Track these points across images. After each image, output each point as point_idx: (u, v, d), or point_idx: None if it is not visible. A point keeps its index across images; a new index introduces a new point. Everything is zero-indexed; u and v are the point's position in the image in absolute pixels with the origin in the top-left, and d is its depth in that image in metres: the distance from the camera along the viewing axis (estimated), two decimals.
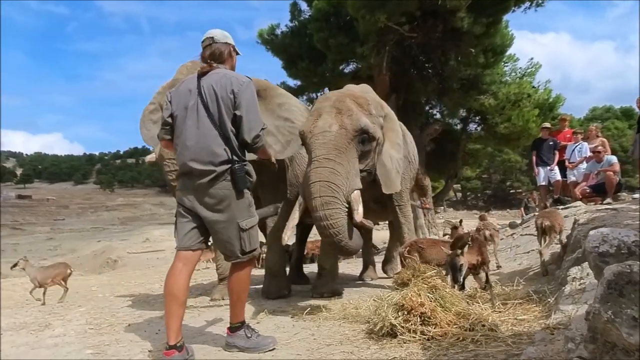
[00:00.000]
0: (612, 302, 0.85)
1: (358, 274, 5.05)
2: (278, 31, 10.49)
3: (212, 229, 2.16)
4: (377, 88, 9.99)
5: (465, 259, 2.57)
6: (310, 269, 5.98)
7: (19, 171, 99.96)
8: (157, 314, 3.36)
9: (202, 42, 2.29)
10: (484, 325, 1.96)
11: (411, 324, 1.99)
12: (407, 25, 8.06)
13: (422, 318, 2.00)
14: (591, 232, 1.55)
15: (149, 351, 2.30)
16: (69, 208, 66.66)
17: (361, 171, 3.15)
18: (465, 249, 2.63)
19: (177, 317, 2.06)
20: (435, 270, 2.46)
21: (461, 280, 2.57)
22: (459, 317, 2.03)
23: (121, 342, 2.53)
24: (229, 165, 2.08)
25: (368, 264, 5.08)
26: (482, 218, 5.99)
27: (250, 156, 2.26)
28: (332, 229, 2.72)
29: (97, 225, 45.39)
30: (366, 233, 5.18)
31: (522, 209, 9.77)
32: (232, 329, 2.26)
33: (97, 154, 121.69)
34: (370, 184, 3.51)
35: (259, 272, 5.47)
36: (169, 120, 2.22)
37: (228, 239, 2.15)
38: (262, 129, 2.17)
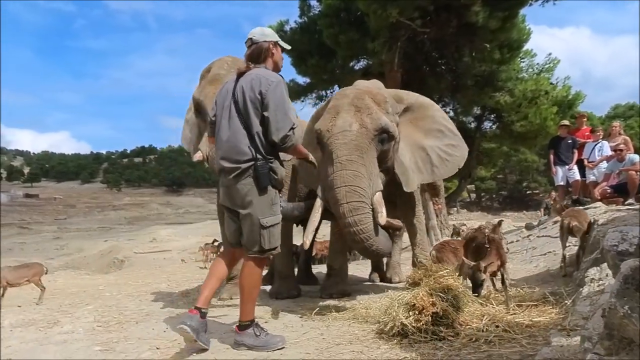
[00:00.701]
0: (629, 297, 0.85)
1: (367, 276, 5.06)
2: (287, 27, 10.53)
3: (241, 224, 2.30)
4: (388, 85, 9.96)
5: (488, 275, 2.53)
6: (319, 269, 6.00)
7: (26, 170, 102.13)
8: (165, 312, 3.42)
9: (245, 42, 2.42)
10: (497, 326, 1.96)
11: (422, 324, 2.00)
12: (419, 20, 8.00)
13: (434, 318, 2.01)
14: (610, 231, 1.54)
15: (157, 348, 2.35)
16: (76, 207, 67.82)
17: (381, 172, 3.16)
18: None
19: (210, 288, 2.31)
20: (447, 270, 2.46)
21: (481, 294, 2.54)
22: (472, 318, 2.04)
23: (129, 339, 2.58)
24: (252, 163, 2.19)
25: (376, 265, 5.08)
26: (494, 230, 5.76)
27: (284, 156, 2.36)
28: (363, 234, 2.74)
29: (104, 225, 46.11)
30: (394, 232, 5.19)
31: (542, 209, 9.63)
32: (241, 327, 2.29)
33: (104, 152, 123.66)
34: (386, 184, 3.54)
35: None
36: (214, 119, 2.42)
37: (249, 234, 2.25)
38: (292, 128, 2.21)
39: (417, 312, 2.04)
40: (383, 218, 2.84)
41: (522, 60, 11.14)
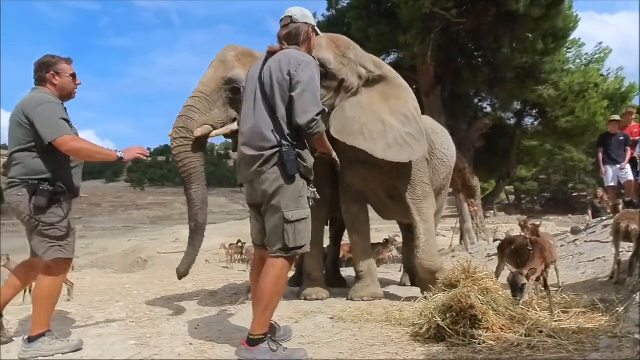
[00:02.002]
0: None
1: (398, 279, 5.07)
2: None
3: (264, 219, 2.15)
4: (420, 79, 9.92)
5: (529, 281, 2.49)
6: (346, 272, 6.06)
7: None
8: (194, 310, 3.58)
9: (281, 20, 2.29)
10: (541, 332, 1.95)
11: (460, 327, 2.02)
12: (455, 10, 7.89)
13: (472, 321, 2.02)
14: None
15: (190, 344, 2.48)
16: (101, 206, 70.84)
17: None
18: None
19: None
20: (487, 272, 2.45)
21: (522, 300, 2.47)
22: (514, 322, 2.03)
23: (162, 335, 2.73)
24: (278, 149, 2.04)
25: (409, 268, 5.07)
26: (524, 227, 5.47)
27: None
28: None
29: (128, 224, 47.93)
30: (407, 234, 5.17)
31: (589, 211, 9.20)
32: (252, 341, 2.05)
33: None
34: (380, 173, 3.63)
35: None
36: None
37: (272, 230, 2.09)
38: (319, 113, 2.06)
39: (454, 314, 2.06)
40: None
41: (569, 50, 10.78)
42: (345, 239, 5.89)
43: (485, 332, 1.99)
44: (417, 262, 3.76)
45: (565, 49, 10.48)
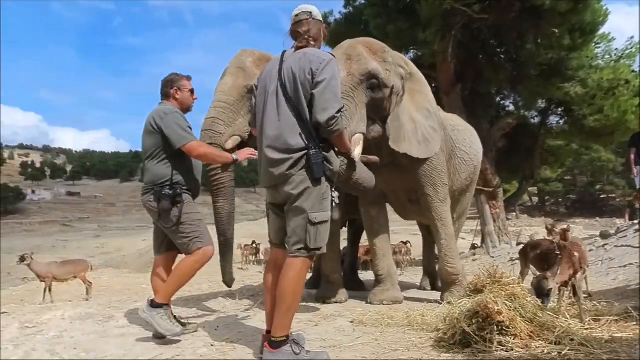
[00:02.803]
0: None
1: (418, 282, 5.06)
2: (331, 19, 10.65)
3: (287, 218, 2.19)
4: (440, 77, 9.84)
5: (555, 283, 2.45)
6: (363, 275, 6.06)
7: (68, 168, 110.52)
8: (213, 311, 3.64)
9: (296, 15, 2.30)
10: (572, 340, 1.93)
11: (487, 333, 2.01)
12: (477, 6, 7.81)
13: (500, 327, 2.01)
14: None
15: (212, 345, 2.53)
16: (116, 206, 72.37)
17: (372, 120, 3.29)
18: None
19: (271, 310, 2.22)
20: (513, 278, 2.43)
21: (548, 306, 2.45)
22: (543, 330, 2.01)
23: (184, 335, 2.78)
24: (305, 152, 2.08)
25: (427, 271, 5.06)
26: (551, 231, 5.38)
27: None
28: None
29: (142, 224, 48.75)
30: (428, 235, 5.15)
31: (627, 214, 8.92)
32: (275, 344, 2.07)
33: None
34: (402, 175, 3.64)
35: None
36: (254, 107, 2.37)
37: (293, 230, 2.12)
38: (339, 110, 2.09)
39: (480, 320, 2.05)
40: (356, 155, 2.90)
41: (598, 45, 10.51)
42: (362, 241, 5.93)
43: (513, 339, 1.97)
44: (439, 267, 3.77)
45: (593, 44, 10.23)
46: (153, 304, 2.66)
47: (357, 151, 2.97)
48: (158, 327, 2.59)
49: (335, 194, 2.22)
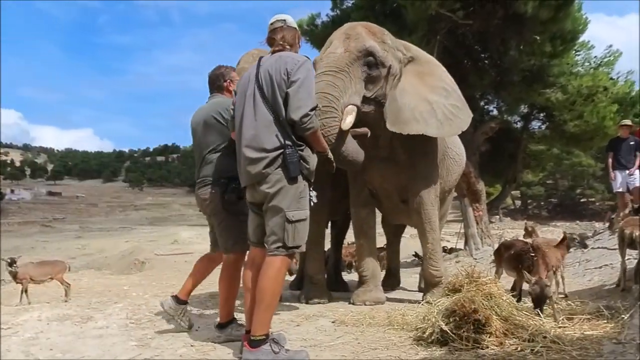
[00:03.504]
0: None
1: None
2: (318, 21, 10.71)
3: (265, 217, 2.22)
4: None
5: (556, 289, 2.48)
6: (348, 277, 6.09)
7: (49, 167, 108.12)
8: (195, 312, 3.62)
9: (272, 24, 2.40)
10: (545, 337, 1.99)
11: (463, 331, 2.05)
12: (461, 12, 7.95)
13: (476, 325, 2.06)
14: None
15: (192, 346, 2.52)
16: (98, 206, 71.06)
17: (368, 99, 3.36)
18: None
19: (250, 308, 2.25)
20: (491, 277, 2.49)
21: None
22: (517, 327, 2.07)
23: (164, 336, 2.78)
24: (281, 151, 2.12)
25: (391, 271, 5.13)
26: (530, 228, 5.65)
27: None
28: (327, 136, 2.89)
29: (125, 225, 47.97)
30: (394, 238, 5.24)
31: (608, 217, 9.14)
32: (254, 342, 2.09)
33: (126, 150, 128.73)
34: (399, 171, 3.67)
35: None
36: (233, 112, 2.41)
37: (271, 229, 2.16)
38: (313, 109, 2.14)
39: (457, 319, 2.09)
40: (345, 124, 3.03)
41: (578, 53, 10.78)
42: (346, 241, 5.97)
43: (489, 337, 2.02)
44: (423, 268, 3.82)
45: (574, 52, 10.49)
46: (222, 326, 2.68)
47: (348, 120, 3.09)
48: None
49: (313, 193, 2.25)
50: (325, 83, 3.09)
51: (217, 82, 2.90)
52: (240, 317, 2.69)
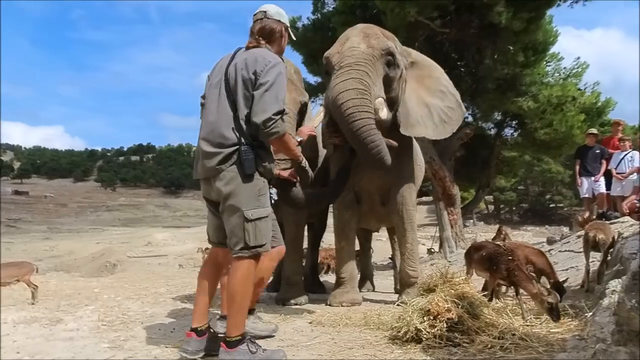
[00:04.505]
0: (636, 292, 0.97)
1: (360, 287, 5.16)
2: (299, 24, 10.75)
3: (222, 218, 2.17)
4: None
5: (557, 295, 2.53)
6: (323, 278, 6.13)
7: (16, 165, 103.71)
8: (169, 314, 3.56)
9: (254, 15, 2.34)
10: (514, 334, 2.07)
11: (437, 330, 2.12)
12: (439, 20, 8.16)
13: (449, 324, 2.13)
14: (629, 240, 1.66)
15: (166, 347, 2.49)
16: (68, 206, 68.67)
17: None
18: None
19: (198, 303, 2.29)
20: (463, 278, 2.57)
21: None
22: (488, 326, 2.15)
23: (137, 338, 2.73)
24: (237, 147, 2.07)
25: (365, 276, 5.21)
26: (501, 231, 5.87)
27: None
28: (363, 128, 3.01)
29: (97, 226, 46.59)
30: (366, 242, 5.33)
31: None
32: (230, 344, 2.08)
33: (99, 149, 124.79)
34: (385, 173, 3.69)
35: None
36: (203, 100, 2.34)
37: (231, 229, 2.11)
38: (280, 113, 2.07)
39: (431, 318, 2.16)
40: (384, 113, 3.13)
41: (548, 63, 11.21)
42: (322, 244, 6.01)
43: (461, 335, 2.09)
44: (400, 269, 3.89)
45: (544, 63, 10.91)
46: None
47: (385, 111, 3.19)
48: (258, 332, 2.58)
49: (274, 190, 2.26)
50: (357, 74, 3.15)
51: None
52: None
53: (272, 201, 2.24)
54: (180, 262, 14.51)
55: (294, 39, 2.50)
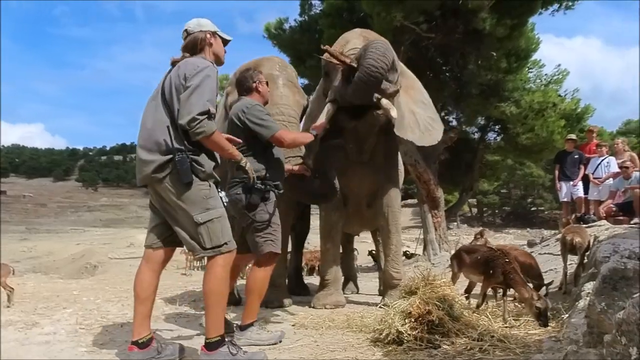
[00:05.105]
0: (606, 295, 1.01)
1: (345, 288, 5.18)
2: (286, 25, 10.76)
3: (175, 227, 2.19)
4: None
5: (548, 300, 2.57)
6: (308, 280, 6.12)
7: None
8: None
9: (182, 35, 2.41)
10: (492, 336, 2.11)
11: (418, 332, 2.14)
12: (425, 25, 8.26)
13: (430, 326, 2.15)
14: (603, 243, 1.70)
15: None
16: (47, 206, 67.10)
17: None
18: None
19: (137, 314, 2.25)
20: (445, 280, 2.61)
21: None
22: (468, 327, 2.18)
23: (116, 342, 2.68)
24: (171, 156, 2.10)
25: (350, 277, 5.24)
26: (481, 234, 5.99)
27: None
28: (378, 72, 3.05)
29: (77, 227, 45.59)
30: (348, 244, 5.37)
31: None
32: (210, 345, 2.11)
33: (81, 148, 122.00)
34: (374, 173, 3.77)
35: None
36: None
37: (185, 236, 2.16)
38: (205, 114, 2.07)
39: (413, 320, 2.18)
40: (395, 112, 3.22)
41: (530, 70, 11.45)
42: (307, 246, 6.01)
43: (441, 337, 2.12)
44: (384, 270, 3.92)
45: (527, 69, 11.15)
46: (242, 328, 2.62)
47: (394, 112, 3.26)
48: (262, 342, 2.54)
49: (222, 193, 2.27)
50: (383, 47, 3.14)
51: (246, 83, 2.88)
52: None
53: (224, 204, 2.27)
54: None
55: (229, 39, 2.48)
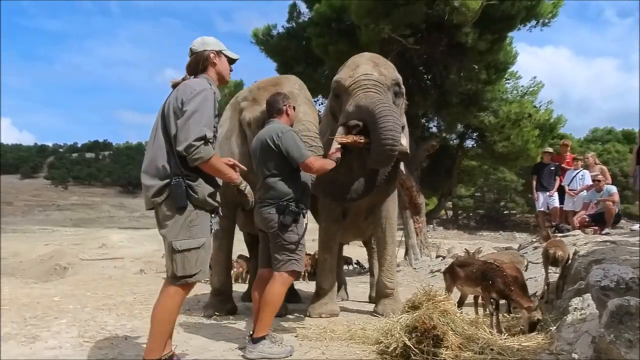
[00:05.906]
0: (614, 328, 1.18)
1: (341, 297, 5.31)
2: (274, 32, 10.81)
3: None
4: None
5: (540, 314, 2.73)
6: (297, 285, 6.21)
7: None
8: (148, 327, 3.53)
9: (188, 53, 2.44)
10: (492, 349, 2.28)
11: (424, 346, 2.29)
12: (411, 38, 8.52)
13: (435, 340, 2.31)
14: (594, 268, 1.91)
15: (136, 355, 2.50)
16: (14, 205, 64.29)
17: None
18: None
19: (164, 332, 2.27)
20: (445, 295, 2.77)
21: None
22: (469, 341, 2.35)
23: (126, 355, 2.71)
24: (168, 181, 2.15)
25: (340, 284, 5.40)
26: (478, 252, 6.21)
27: None
28: (395, 143, 3.21)
29: (46, 226, 43.95)
30: (339, 252, 5.51)
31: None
32: None
33: (50, 145, 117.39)
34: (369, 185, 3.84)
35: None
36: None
37: (167, 258, 2.22)
38: (202, 139, 2.11)
39: (419, 334, 2.33)
40: (405, 141, 3.43)
41: (508, 81, 11.96)
42: None
43: (446, 351, 2.28)
44: (377, 279, 4.08)
45: (504, 80, 11.64)
46: (255, 340, 2.69)
47: (405, 141, 3.45)
48: (274, 356, 2.63)
49: (215, 219, 2.32)
50: (379, 99, 3.27)
51: (277, 105, 2.96)
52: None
53: (213, 230, 2.30)
54: (138, 265, 13.96)
55: (236, 57, 2.48)
